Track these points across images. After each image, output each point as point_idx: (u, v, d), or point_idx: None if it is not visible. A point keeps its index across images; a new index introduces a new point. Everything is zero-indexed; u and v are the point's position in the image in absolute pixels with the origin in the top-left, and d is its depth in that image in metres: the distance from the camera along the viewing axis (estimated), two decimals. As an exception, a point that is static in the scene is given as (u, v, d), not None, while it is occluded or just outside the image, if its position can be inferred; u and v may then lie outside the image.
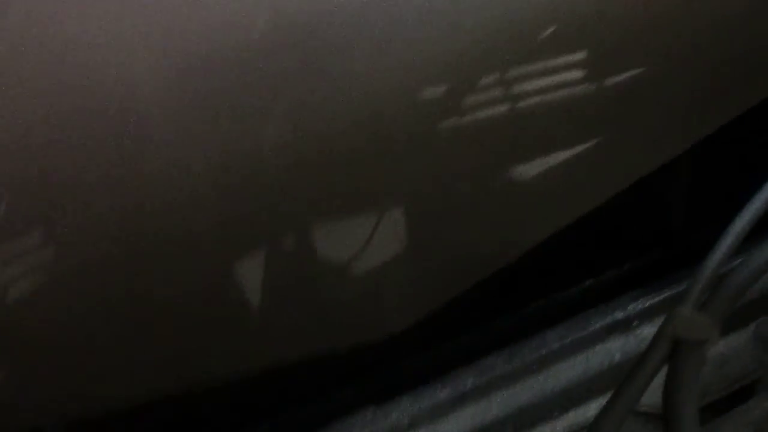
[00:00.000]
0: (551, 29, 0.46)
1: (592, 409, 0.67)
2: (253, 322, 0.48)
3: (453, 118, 0.47)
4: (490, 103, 0.51)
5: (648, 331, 0.65)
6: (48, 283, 0.41)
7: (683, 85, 0.55)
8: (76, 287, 0.42)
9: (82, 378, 0.43)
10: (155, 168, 0.40)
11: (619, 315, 0.65)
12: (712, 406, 0.66)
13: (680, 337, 0.42)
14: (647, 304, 0.66)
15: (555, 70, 0.53)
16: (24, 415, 0.42)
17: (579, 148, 0.49)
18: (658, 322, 0.49)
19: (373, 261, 0.48)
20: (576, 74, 0.51)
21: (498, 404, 0.64)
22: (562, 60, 0.49)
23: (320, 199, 0.47)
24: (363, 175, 0.47)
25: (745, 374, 0.67)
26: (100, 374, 0.44)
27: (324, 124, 0.43)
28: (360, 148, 0.45)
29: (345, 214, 0.50)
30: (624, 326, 0.66)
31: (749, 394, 0.67)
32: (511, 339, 0.67)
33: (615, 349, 0.66)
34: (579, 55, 0.49)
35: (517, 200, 0.48)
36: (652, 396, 0.68)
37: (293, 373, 0.64)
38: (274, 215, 0.47)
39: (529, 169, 0.47)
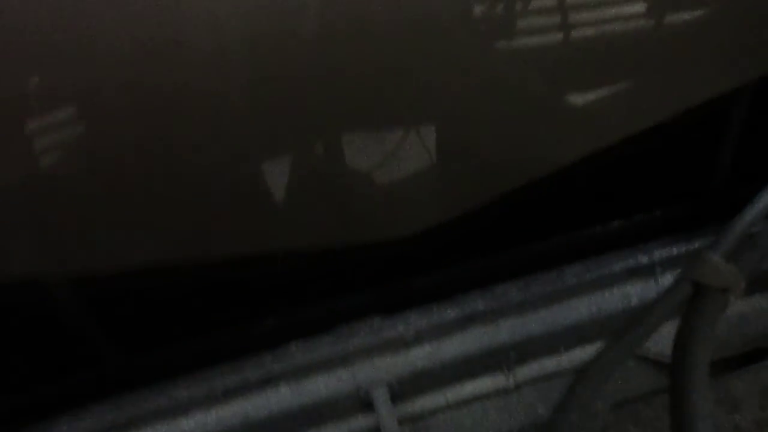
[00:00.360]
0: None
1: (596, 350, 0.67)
2: (275, 206, 0.48)
3: (503, 35, 0.45)
4: (542, 27, 0.48)
5: (670, 279, 0.63)
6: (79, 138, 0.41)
7: (736, 27, 0.51)
8: (104, 146, 0.41)
9: (91, 234, 0.44)
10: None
11: (643, 260, 0.63)
12: (725, 361, 0.65)
13: (703, 282, 0.41)
14: (674, 252, 0.64)
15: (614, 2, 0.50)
16: (25, 263, 0.43)
17: (621, 76, 0.46)
18: (683, 271, 0.48)
19: (398, 166, 0.47)
20: (633, 8, 0.48)
21: (506, 331, 0.63)
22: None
23: (355, 104, 0.46)
24: (402, 85, 0.45)
25: (764, 336, 0.66)
26: (115, 234, 0.45)
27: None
28: (404, 57, 0.43)
29: (378, 119, 0.49)
30: (646, 271, 0.64)
31: (764, 356, 0.65)
32: (528, 270, 0.66)
33: (633, 293, 0.64)
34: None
35: (549, 118, 0.46)
36: (660, 345, 0.67)
37: (306, 272, 0.64)
38: (309, 114, 0.47)
39: (568, 90, 0.44)
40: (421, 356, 0.62)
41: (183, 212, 0.47)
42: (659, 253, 0.64)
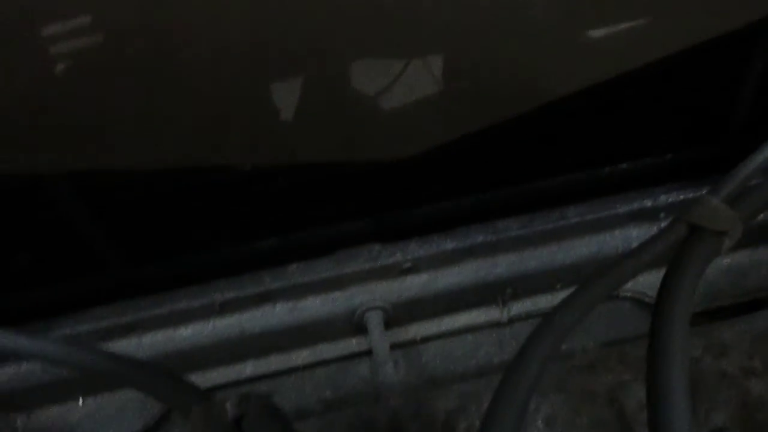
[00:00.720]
0: None
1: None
2: (282, 119, 0.48)
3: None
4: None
5: (673, 225, 0.62)
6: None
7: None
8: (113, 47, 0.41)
9: (91, 135, 0.44)
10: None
11: (648, 203, 0.63)
12: (720, 310, 0.65)
13: (700, 224, 0.40)
14: (680, 197, 0.63)
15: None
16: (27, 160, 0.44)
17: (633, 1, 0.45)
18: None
19: (402, 87, 0.47)
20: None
21: (503, 265, 0.64)
22: None
23: (362, 27, 0.45)
24: (408, 8, 0.44)
25: (760, 288, 0.66)
26: (114, 134, 0.45)
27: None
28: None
29: (385, 40, 0.48)
30: (650, 215, 0.64)
31: (759, 307, 0.65)
32: (531, 208, 0.65)
33: (635, 236, 0.64)
34: None
35: (556, 44, 0.45)
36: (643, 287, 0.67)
37: (309, 197, 0.64)
38: (318, 33, 0.46)
39: (576, 15, 0.43)
40: (417, 284, 0.63)
41: (190, 119, 0.46)
42: (665, 198, 0.63)
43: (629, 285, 0.66)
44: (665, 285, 0.36)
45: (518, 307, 0.66)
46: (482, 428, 0.31)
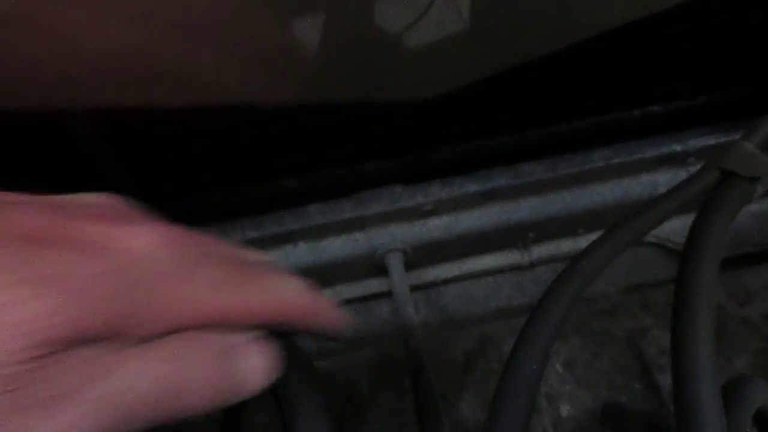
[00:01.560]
0: None
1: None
2: (303, 54, 0.47)
3: None
4: None
5: (702, 170, 0.61)
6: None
7: None
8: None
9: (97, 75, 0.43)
10: None
11: (677, 148, 0.61)
12: (745, 257, 0.64)
13: (732, 170, 0.39)
14: (710, 142, 0.61)
15: None
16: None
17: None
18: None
19: (427, 26, 0.45)
20: None
21: (526, 209, 0.63)
22: None
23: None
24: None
25: (789, 236, 0.64)
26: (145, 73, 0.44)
27: None
28: None
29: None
30: (678, 160, 0.62)
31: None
32: (555, 150, 0.64)
33: (662, 181, 0.63)
34: None
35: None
36: (681, 236, 0.66)
37: (331, 138, 0.63)
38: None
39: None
40: (438, 227, 0.63)
41: (210, 55, 0.45)
42: (694, 143, 0.62)
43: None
44: (695, 230, 0.35)
45: (539, 251, 0.66)
46: (506, 369, 0.31)
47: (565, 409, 0.50)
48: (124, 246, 0.23)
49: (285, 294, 0.30)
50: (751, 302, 0.53)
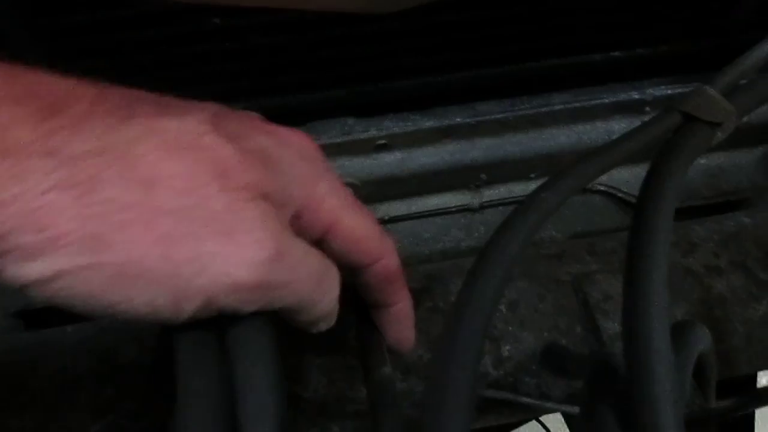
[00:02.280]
0: None
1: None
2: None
3: None
4: None
5: (657, 120, 0.60)
6: None
7: None
8: None
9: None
10: None
11: (634, 95, 0.61)
12: (693, 209, 0.65)
13: (694, 114, 0.38)
14: (668, 92, 0.61)
15: None
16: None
17: None
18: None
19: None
20: None
21: (480, 149, 0.62)
22: None
23: None
24: None
25: (735, 191, 0.65)
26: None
27: None
28: None
29: None
30: (635, 108, 0.62)
31: (728, 210, 0.65)
32: (513, 91, 0.63)
33: (617, 129, 0.63)
34: None
35: None
36: (632, 185, 0.66)
37: (282, 61, 0.60)
38: None
39: None
40: (389, 162, 0.61)
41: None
42: (652, 92, 0.61)
43: (603, 178, 0.65)
44: (654, 171, 0.34)
45: (491, 194, 0.65)
46: (456, 308, 0.29)
47: (506, 350, 0.50)
48: (292, 140, 0.33)
49: (380, 235, 0.35)
50: (694, 253, 0.53)
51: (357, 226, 0.34)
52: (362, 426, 0.49)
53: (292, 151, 0.32)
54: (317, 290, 0.30)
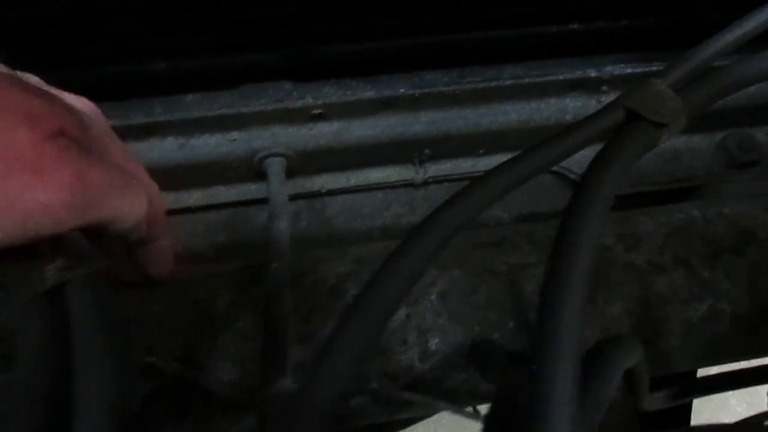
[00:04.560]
0: None
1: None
2: None
3: None
4: None
5: (613, 100, 0.57)
6: None
7: None
8: None
9: None
10: None
11: (591, 73, 0.57)
12: (640, 195, 0.62)
13: (640, 112, 0.35)
14: (627, 71, 0.57)
15: None
16: None
17: None
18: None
19: None
20: None
21: (425, 122, 0.58)
22: None
23: None
24: None
25: (689, 178, 0.63)
26: None
27: None
28: None
29: None
30: (591, 87, 0.58)
31: (680, 198, 0.63)
32: (463, 61, 0.58)
33: (571, 108, 0.59)
34: None
35: None
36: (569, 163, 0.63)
37: (216, 15, 0.55)
38: None
39: None
40: (327, 132, 0.57)
41: None
42: (610, 69, 0.57)
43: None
44: (591, 171, 0.31)
45: (435, 169, 0.61)
46: (364, 291, 0.27)
47: (434, 343, 0.47)
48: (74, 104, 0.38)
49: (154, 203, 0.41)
50: (639, 247, 0.50)
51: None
52: (277, 419, 0.46)
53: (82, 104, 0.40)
54: (126, 199, 0.36)
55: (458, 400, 0.48)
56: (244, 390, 0.45)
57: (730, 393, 0.64)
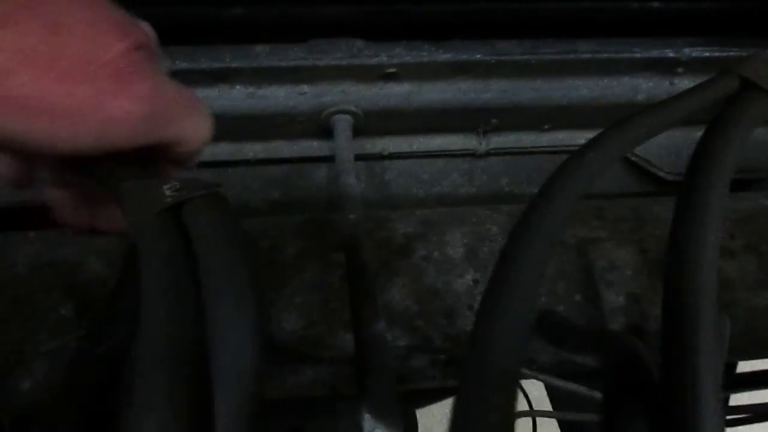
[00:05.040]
0: None
1: (583, 138, 0.62)
2: None
3: None
4: None
5: (689, 84, 0.56)
6: None
7: None
8: None
9: None
10: None
11: (668, 53, 0.56)
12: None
13: (753, 80, 0.34)
14: (704, 55, 0.56)
15: None
16: None
17: None
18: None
19: None
20: None
21: (495, 90, 0.57)
22: None
23: None
24: None
25: (753, 168, 0.62)
26: None
27: None
28: None
29: None
30: (666, 68, 0.57)
31: (743, 190, 0.62)
32: (538, 32, 0.57)
33: (644, 88, 0.58)
34: None
35: None
36: (648, 150, 0.62)
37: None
38: None
39: None
40: (396, 93, 0.56)
41: None
42: (688, 51, 0.56)
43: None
44: (707, 142, 0.30)
45: (499, 141, 0.60)
46: (500, 263, 0.26)
47: (499, 310, 0.46)
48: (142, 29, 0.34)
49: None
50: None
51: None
52: (337, 374, 0.45)
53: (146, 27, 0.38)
54: (194, 119, 0.36)
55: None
56: (307, 342, 0.45)
57: None
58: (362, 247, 0.42)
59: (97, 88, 0.30)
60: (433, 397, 0.67)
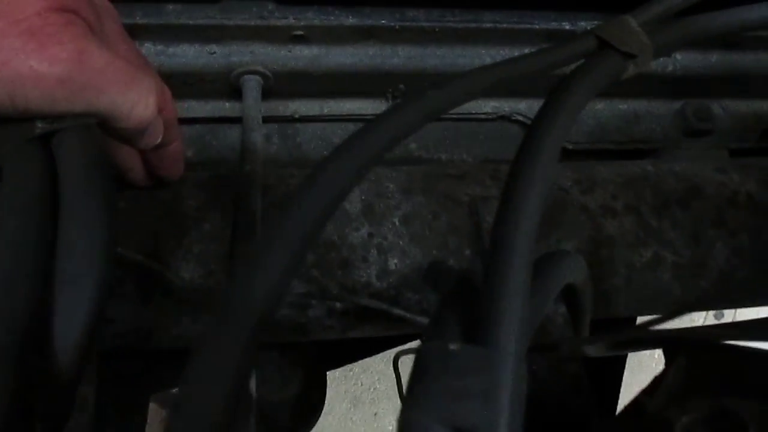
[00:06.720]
0: None
1: (489, 106, 0.65)
2: None
3: None
4: None
5: (584, 55, 0.59)
6: None
7: None
8: None
9: None
10: None
11: (566, 26, 0.59)
12: (599, 153, 0.65)
13: (608, 41, 0.37)
14: (599, 27, 0.59)
15: None
16: None
17: None
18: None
19: None
20: None
21: (402, 56, 0.59)
22: None
23: None
24: None
25: (647, 140, 0.66)
26: None
27: None
28: None
29: None
30: (563, 39, 0.60)
31: (640, 156, 0.66)
32: (446, 3, 0.60)
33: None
34: None
35: None
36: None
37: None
38: None
39: None
40: (306, 56, 0.58)
41: None
42: (584, 25, 0.59)
43: (522, 107, 0.64)
44: (560, 84, 0.33)
45: (407, 106, 0.62)
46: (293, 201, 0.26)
47: (393, 262, 0.49)
48: None
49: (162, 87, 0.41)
50: (593, 192, 0.53)
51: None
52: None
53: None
54: (128, 95, 0.34)
55: (410, 319, 0.50)
56: (205, 290, 0.46)
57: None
58: (251, 200, 0.43)
59: (4, 45, 0.29)
60: (344, 356, 0.69)
